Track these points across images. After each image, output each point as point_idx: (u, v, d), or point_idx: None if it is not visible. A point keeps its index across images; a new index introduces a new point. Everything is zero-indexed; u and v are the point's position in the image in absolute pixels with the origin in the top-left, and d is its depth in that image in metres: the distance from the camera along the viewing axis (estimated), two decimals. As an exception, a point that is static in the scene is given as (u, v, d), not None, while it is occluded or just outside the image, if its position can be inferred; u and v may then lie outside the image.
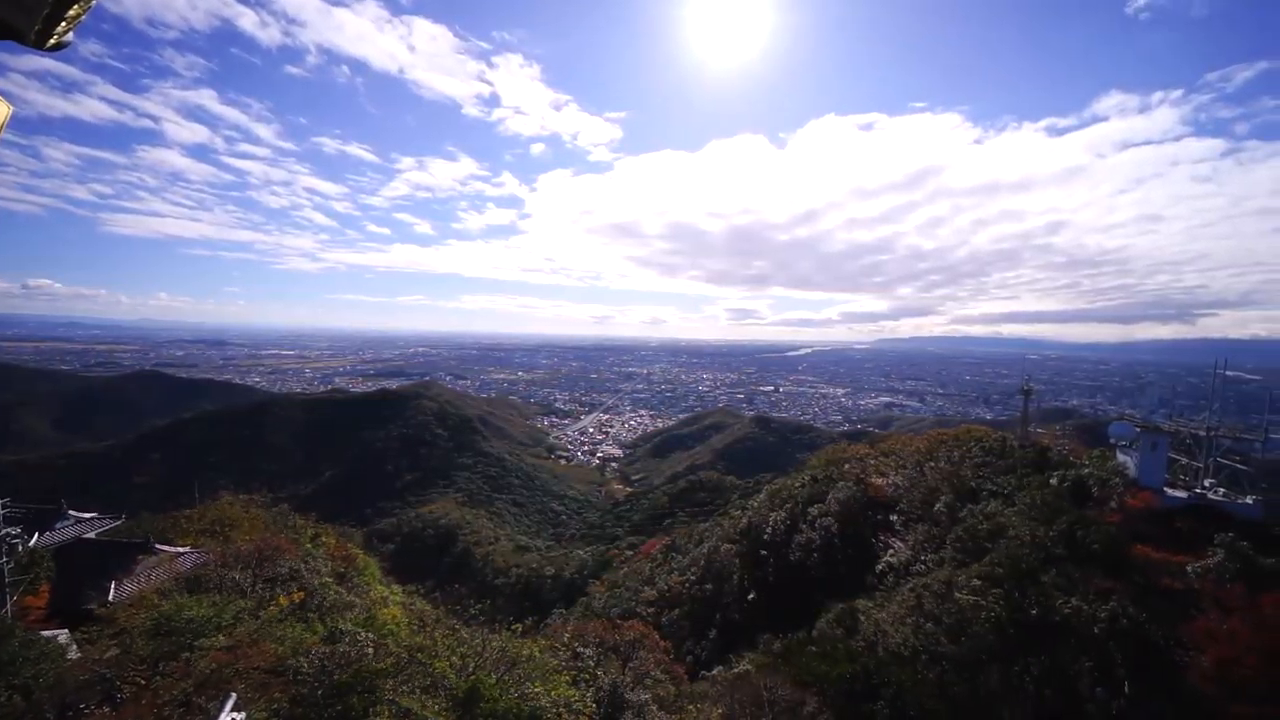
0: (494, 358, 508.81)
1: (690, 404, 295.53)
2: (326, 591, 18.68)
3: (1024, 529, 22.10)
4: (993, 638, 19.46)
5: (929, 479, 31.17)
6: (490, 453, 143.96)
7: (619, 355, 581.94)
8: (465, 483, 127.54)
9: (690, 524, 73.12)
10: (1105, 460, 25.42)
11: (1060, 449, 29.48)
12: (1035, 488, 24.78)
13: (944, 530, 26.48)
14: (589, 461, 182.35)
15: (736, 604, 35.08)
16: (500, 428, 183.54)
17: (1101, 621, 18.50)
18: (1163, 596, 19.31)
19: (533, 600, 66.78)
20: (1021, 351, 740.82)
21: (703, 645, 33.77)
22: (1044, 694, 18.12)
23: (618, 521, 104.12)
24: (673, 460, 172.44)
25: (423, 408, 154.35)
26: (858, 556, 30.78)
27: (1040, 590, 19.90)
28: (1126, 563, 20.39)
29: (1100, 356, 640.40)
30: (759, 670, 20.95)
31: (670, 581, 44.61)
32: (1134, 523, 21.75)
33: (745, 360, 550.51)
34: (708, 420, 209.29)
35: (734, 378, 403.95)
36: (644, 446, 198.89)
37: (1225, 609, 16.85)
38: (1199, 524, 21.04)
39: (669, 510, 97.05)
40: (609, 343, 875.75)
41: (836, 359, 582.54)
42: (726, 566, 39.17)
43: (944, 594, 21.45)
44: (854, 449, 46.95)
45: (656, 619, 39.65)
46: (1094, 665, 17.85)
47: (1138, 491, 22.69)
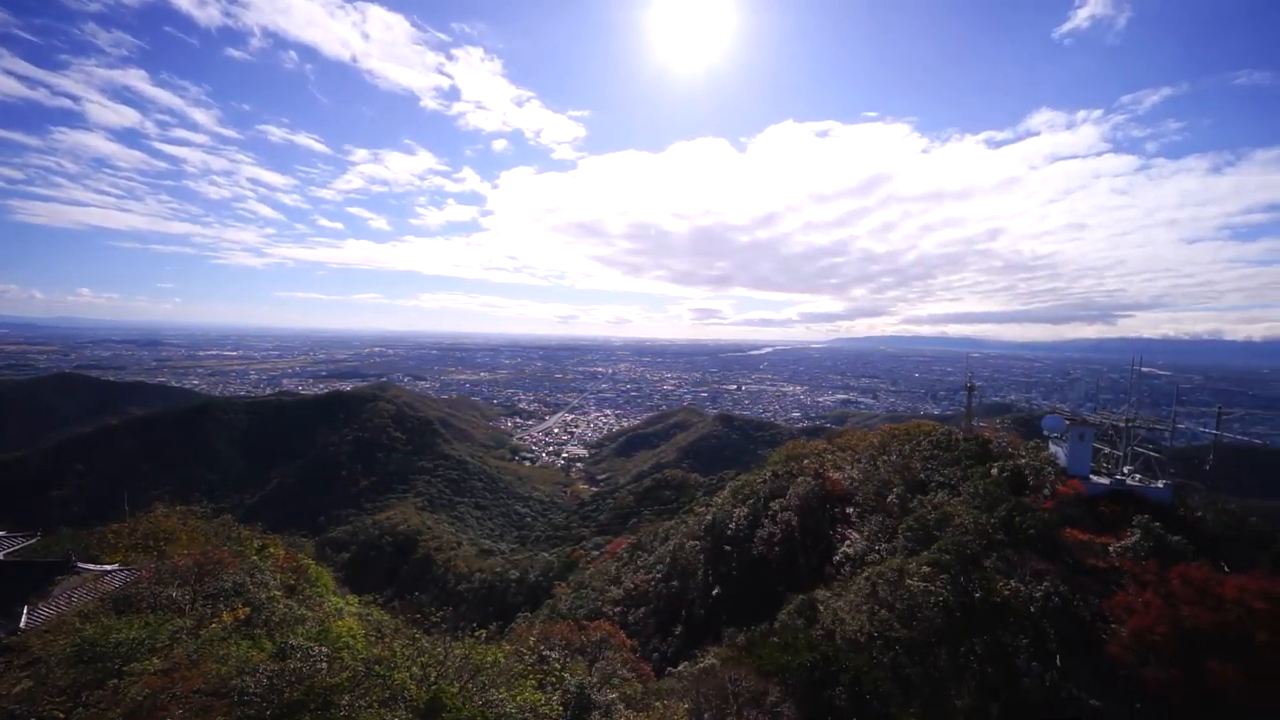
0: (455, 358, 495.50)
1: (655, 403, 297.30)
2: (275, 606, 17.73)
3: (968, 517, 23.45)
4: (941, 621, 20.56)
5: (882, 472, 32.58)
6: (451, 455, 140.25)
7: (584, 355, 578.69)
8: (425, 487, 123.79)
9: (656, 522, 73.60)
10: (1039, 451, 27.38)
11: (1000, 441, 31.50)
12: (978, 478, 26.35)
13: (896, 520, 27.74)
14: (554, 462, 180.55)
15: (701, 599, 35.60)
16: (462, 430, 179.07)
17: (1037, 601, 19.88)
18: (1089, 575, 20.94)
19: (497, 605, 65.61)
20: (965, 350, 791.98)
21: (669, 642, 34.10)
22: (987, 671, 19.29)
23: (583, 522, 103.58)
24: (638, 459, 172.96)
25: (379, 410, 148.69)
26: (817, 548, 31.83)
27: (983, 574, 21.18)
28: (1058, 545, 21.99)
29: (1034, 355, 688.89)
30: (724, 663, 21.34)
31: (636, 580, 44.78)
32: (1065, 508, 23.49)
33: (709, 359, 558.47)
34: (672, 419, 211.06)
35: (698, 377, 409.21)
36: (609, 446, 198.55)
37: (1141, 584, 18.45)
38: (1119, 508, 22.96)
39: (634, 509, 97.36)
40: (574, 342, 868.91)
41: (796, 358, 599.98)
42: (691, 563, 39.67)
43: (896, 581, 22.48)
44: (812, 445, 48.47)
45: (623, 618, 39.73)
46: (1030, 642, 19.16)
47: (1067, 479, 24.56)
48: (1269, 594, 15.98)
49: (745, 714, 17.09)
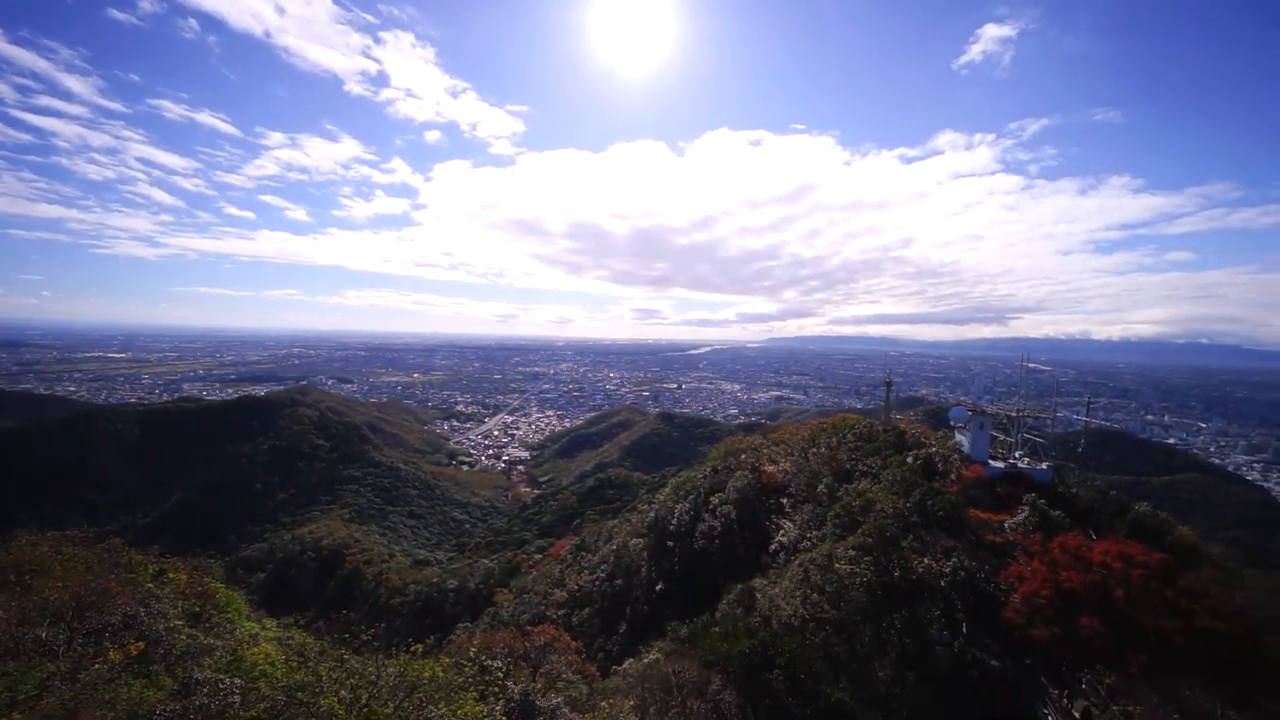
0: (385, 358, 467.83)
1: (598, 402, 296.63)
2: (176, 637, 15.96)
3: (888, 503, 25.45)
4: (865, 600, 22.18)
5: (812, 464, 34.55)
6: (382, 462, 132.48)
7: (524, 355, 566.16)
8: (353, 497, 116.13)
9: (600, 522, 73.58)
10: (947, 440, 30.28)
11: (914, 432, 34.44)
12: (896, 466, 28.65)
13: (826, 508, 29.55)
14: (494, 466, 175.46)
15: (645, 596, 36.07)
16: (393, 435, 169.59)
17: (946, 576, 21.96)
18: (988, 549, 23.40)
19: (434, 617, 62.90)
20: (883, 349, 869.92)
21: (614, 641, 34.26)
22: (905, 644, 21.05)
23: (525, 525, 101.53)
24: (581, 459, 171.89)
25: (299, 416, 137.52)
26: (754, 539, 33.23)
27: (901, 554, 23.08)
28: (963, 524, 24.39)
29: (941, 353, 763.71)
30: (667, 657, 21.80)
31: (580, 581, 44.58)
32: (968, 491, 26.10)
33: (650, 359, 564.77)
34: (615, 418, 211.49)
35: (640, 376, 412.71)
36: (551, 447, 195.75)
37: (1029, 554, 20.88)
38: (1012, 488, 25.86)
39: (578, 510, 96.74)
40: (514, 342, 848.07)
41: (733, 357, 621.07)
42: (635, 561, 40.08)
43: (826, 566, 23.97)
44: (749, 440, 50.44)
45: (567, 620, 39.45)
46: (941, 613, 21.13)
47: (970, 465, 27.35)
48: (1125, 556, 18.64)
49: (689, 704, 17.57)
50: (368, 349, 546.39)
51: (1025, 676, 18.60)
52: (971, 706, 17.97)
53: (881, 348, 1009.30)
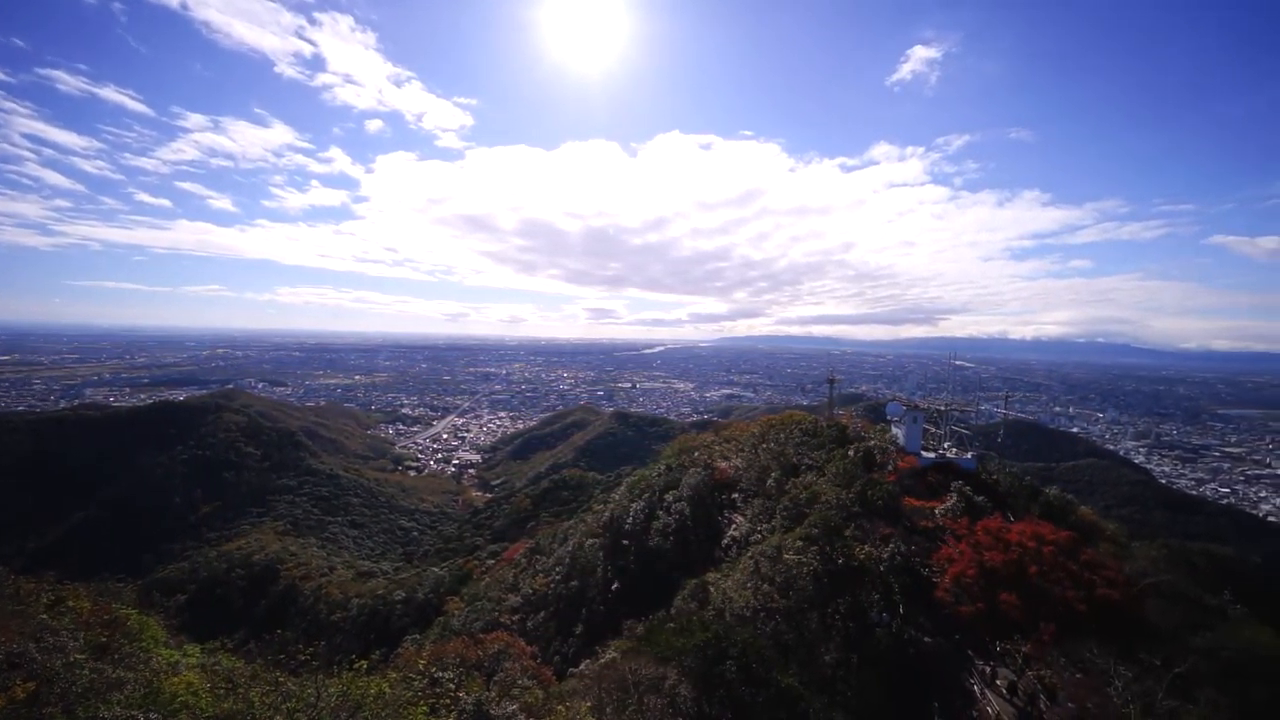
0: (324, 359, 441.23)
1: (551, 403, 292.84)
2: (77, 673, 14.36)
3: (832, 494, 26.74)
4: (812, 588, 23.20)
5: (762, 459, 35.72)
6: (320, 470, 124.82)
7: (475, 355, 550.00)
8: (288, 508, 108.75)
9: (554, 524, 72.76)
10: (884, 433, 32.20)
11: (855, 427, 36.39)
12: (839, 459, 30.15)
13: (775, 502, 30.64)
14: (443, 470, 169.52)
15: (601, 596, 36.05)
16: (333, 440, 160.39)
17: (884, 561, 23.33)
18: (922, 534, 25.08)
19: (380, 630, 60.09)
20: (826, 348, 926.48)
21: (570, 643, 34.04)
22: (849, 627, 22.20)
23: (477, 531, 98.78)
24: (535, 461, 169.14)
25: (225, 423, 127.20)
26: (708, 534, 33.96)
27: (844, 543, 24.30)
28: (899, 512, 26.00)
29: (879, 352, 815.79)
30: (624, 656, 21.89)
31: (535, 584, 43.95)
32: (903, 480, 27.85)
33: (604, 358, 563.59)
34: (569, 418, 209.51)
35: (594, 375, 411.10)
36: (504, 449, 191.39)
37: (957, 537, 22.55)
38: (942, 476, 27.83)
39: (532, 512, 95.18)
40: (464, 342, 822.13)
41: (686, 356, 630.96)
42: (591, 561, 39.96)
43: (775, 557, 24.89)
44: (701, 437, 51.47)
45: (522, 625, 38.80)
46: (880, 597, 22.44)
47: (905, 456, 29.20)
48: (1037, 535, 20.52)
49: (646, 702, 17.73)
50: (304, 349, 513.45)
51: (955, 651, 20.11)
52: (908, 683, 19.22)
53: (825, 347, 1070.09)
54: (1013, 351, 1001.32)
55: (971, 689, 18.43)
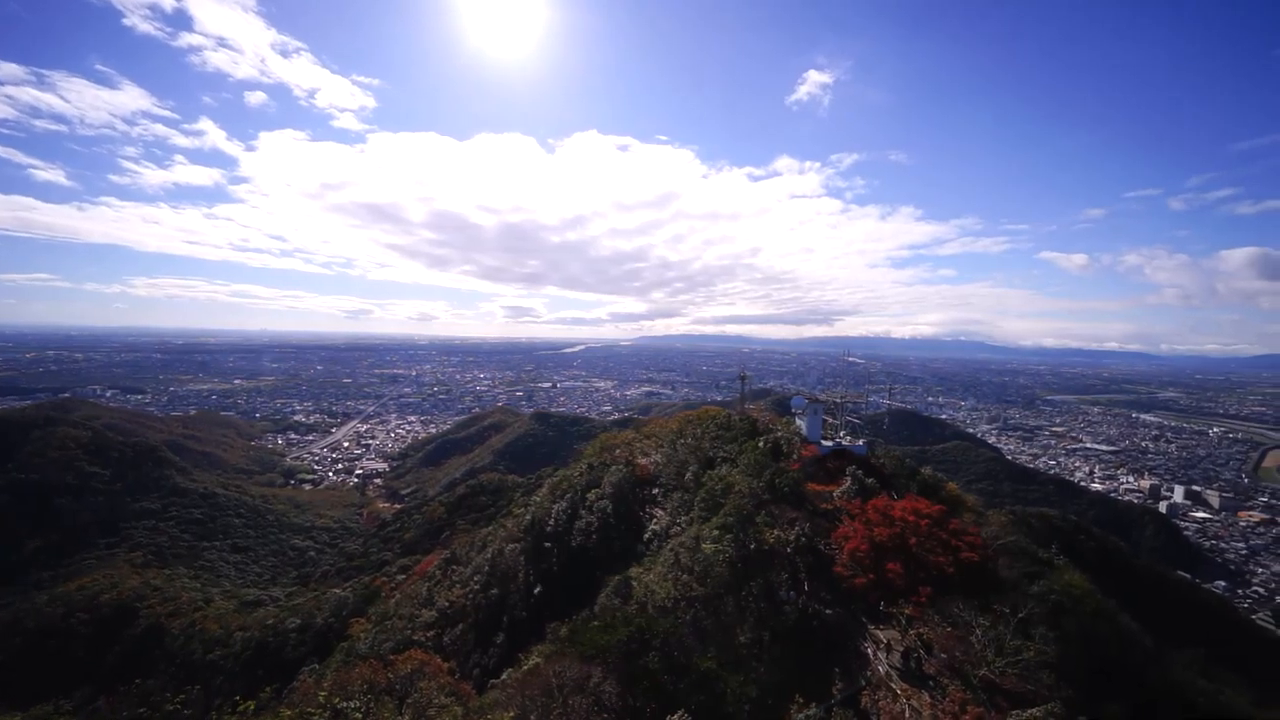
0: (193, 362, 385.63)
1: (467, 405, 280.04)
2: None
3: (744, 484, 28.45)
4: (727, 574, 24.55)
5: (680, 454, 37.06)
6: (191, 489, 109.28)
7: (381, 355, 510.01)
8: (148, 536, 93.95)
9: (472, 531, 69.76)
10: (790, 425, 34.90)
11: (764, 420, 39.00)
12: (750, 451, 32.13)
13: (693, 494, 31.95)
14: (345, 482, 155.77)
15: (523, 602, 35.36)
16: (207, 454, 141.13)
17: (791, 543, 25.28)
18: (823, 516, 27.51)
19: (272, 664, 54.02)
20: (738, 347, 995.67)
21: (491, 654, 33.05)
22: (761, 607, 23.80)
23: (385, 545, 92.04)
24: (449, 467, 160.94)
25: (59, 438, 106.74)
26: (631, 530, 34.56)
27: (756, 529, 25.97)
28: (804, 497, 28.31)
29: (784, 350, 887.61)
30: (548, 660, 21.72)
31: (452, 596, 41.99)
32: (807, 467, 30.37)
33: (524, 358, 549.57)
34: (487, 420, 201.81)
35: (513, 376, 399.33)
36: (415, 456, 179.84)
37: (851, 517, 25.05)
38: (839, 462, 30.73)
39: (447, 521, 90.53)
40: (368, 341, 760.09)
41: (606, 355, 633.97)
42: (512, 566, 39.00)
43: (694, 547, 26.00)
44: (623, 435, 52.22)
45: (438, 641, 36.96)
46: (788, 576, 24.32)
47: (807, 445, 31.87)
48: (916, 510, 23.43)
49: (570, 703, 17.78)
50: (167, 350, 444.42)
51: (852, 618, 22.37)
52: (814, 652, 21.08)
53: (737, 345, 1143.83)
54: (894, 349, 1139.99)
55: (865, 651, 20.65)
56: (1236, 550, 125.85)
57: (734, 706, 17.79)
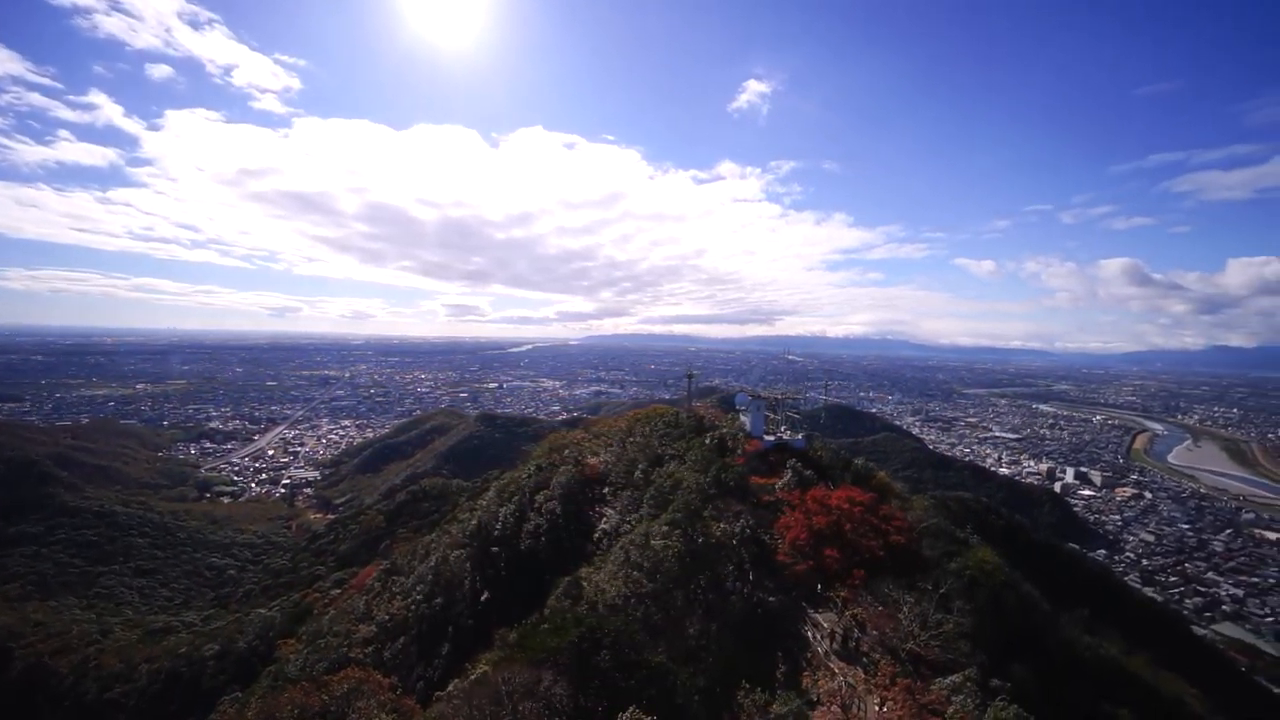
0: (84, 364, 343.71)
1: (407, 408, 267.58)
2: None
3: (692, 479, 29.16)
4: (676, 568, 25.07)
5: (629, 452, 37.35)
6: (82, 508, 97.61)
7: (310, 356, 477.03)
8: (28, 564, 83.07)
9: (414, 539, 66.81)
10: (734, 421, 36.12)
11: (710, 417, 40.08)
12: (697, 447, 32.96)
13: (642, 492, 32.32)
14: (270, 493, 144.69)
15: (470, 609, 34.40)
16: (103, 468, 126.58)
17: (737, 535, 26.19)
18: (766, 508, 28.68)
19: (186, 697, 49.47)
20: (685, 346, 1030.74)
21: (435, 665, 31.92)
22: (709, 599, 24.52)
23: (317, 558, 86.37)
24: (389, 473, 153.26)
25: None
26: (580, 530, 34.44)
27: (704, 523, 26.68)
28: (748, 490, 29.40)
29: (729, 349, 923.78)
30: (496, 667, 21.28)
31: (393, 608, 40.10)
32: (750, 462, 31.55)
33: (468, 358, 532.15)
34: (429, 423, 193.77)
35: (456, 376, 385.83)
36: (350, 463, 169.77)
37: (792, 507, 26.32)
38: (780, 456, 32.16)
39: (386, 530, 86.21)
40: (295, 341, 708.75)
41: (554, 355, 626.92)
42: (457, 574, 37.80)
43: (644, 544, 26.34)
44: (571, 435, 51.86)
45: (378, 656, 35.22)
46: (734, 567, 25.20)
47: (750, 440, 33.12)
48: (850, 498, 24.99)
49: (520, 709, 17.55)
50: (50, 352, 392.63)
51: (793, 604, 23.53)
52: (759, 638, 21.99)
53: (684, 344, 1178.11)
54: (830, 347, 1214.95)
55: (806, 634, 21.81)
56: (1114, 522, 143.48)
57: (684, 698, 18.25)
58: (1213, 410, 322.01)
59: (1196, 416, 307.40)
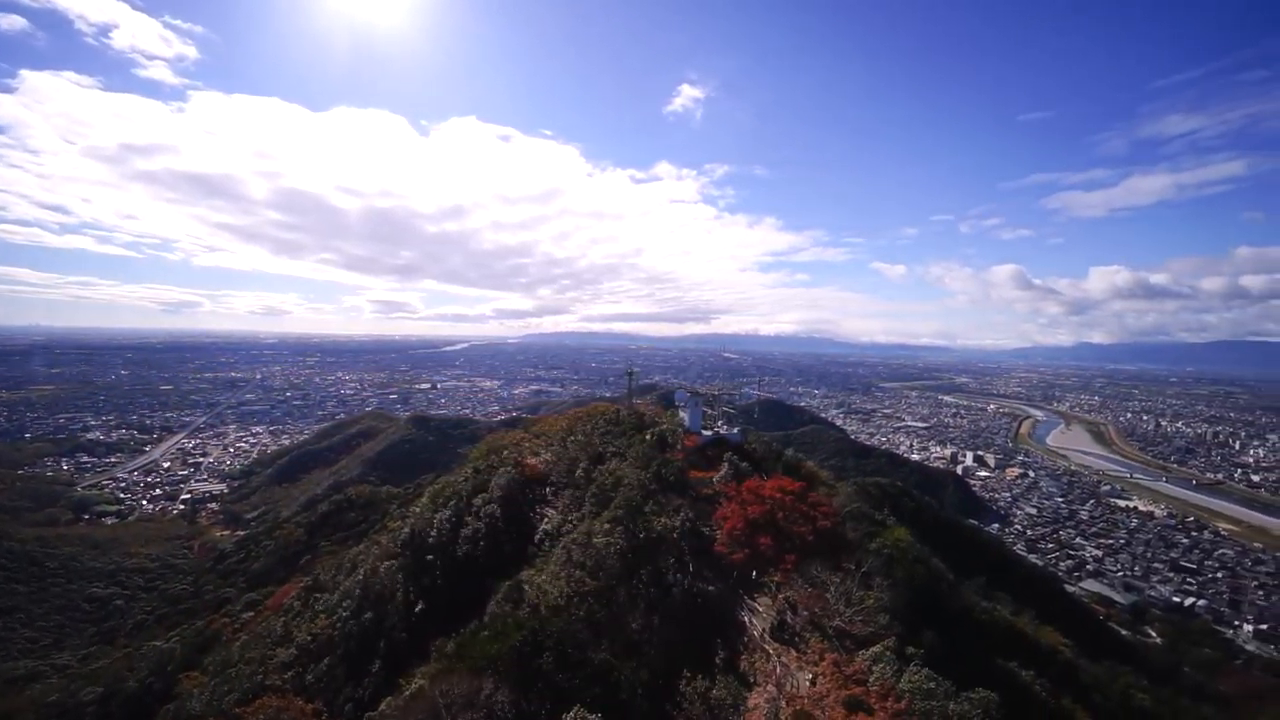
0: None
1: (330, 411, 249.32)
2: None
3: (633, 476, 29.53)
4: (619, 565, 25.31)
5: (571, 451, 37.14)
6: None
7: (213, 356, 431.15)
8: None
9: (339, 552, 62.50)
10: (674, 417, 36.96)
11: (651, 413, 40.74)
12: (638, 444, 33.40)
13: (584, 491, 32.28)
14: (166, 510, 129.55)
15: (403, 623, 32.77)
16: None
17: (677, 528, 26.85)
18: (704, 501, 29.64)
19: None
20: (625, 344, 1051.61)
21: (366, 684, 30.15)
22: (651, 593, 24.96)
23: (225, 579, 78.66)
24: (309, 482, 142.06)
25: None
26: (521, 533, 33.80)
27: (645, 518, 27.10)
28: (687, 484, 30.22)
29: (669, 346, 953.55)
30: (433, 679, 20.52)
31: (316, 628, 37.36)
32: (689, 456, 32.44)
33: (398, 357, 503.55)
34: (355, 427, 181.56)
35: (385, 377, 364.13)
36: (263, 473, 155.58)
37: (729, 498, 27.38)
38: (718, 450, 33.32)
39: (307, 543, 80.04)
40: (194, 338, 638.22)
41: (492, 353, 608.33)
42: (389, 585, 35.85)
43: (586, 543, 26.36)
44: (511, 435, 50.68)
45: (299, 681, 32.73)
46: (675, 560, 25.82)
47: (689, 435, 34.06)
48: (782, 488, 26.38)
49: (461, 719, 17.11)
50: None
51: (731, 591, 24.51)
52: (699, 628, 22.72)
53: (624, 343, 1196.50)
54: (762, 345, 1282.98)
55: (743, 620, 22.82)
56: (1004, 499, 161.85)
57: (628, 693, 18.53)
58: (1080, 398, 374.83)
59: (1068, 404, 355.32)
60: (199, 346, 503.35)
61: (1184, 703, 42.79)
